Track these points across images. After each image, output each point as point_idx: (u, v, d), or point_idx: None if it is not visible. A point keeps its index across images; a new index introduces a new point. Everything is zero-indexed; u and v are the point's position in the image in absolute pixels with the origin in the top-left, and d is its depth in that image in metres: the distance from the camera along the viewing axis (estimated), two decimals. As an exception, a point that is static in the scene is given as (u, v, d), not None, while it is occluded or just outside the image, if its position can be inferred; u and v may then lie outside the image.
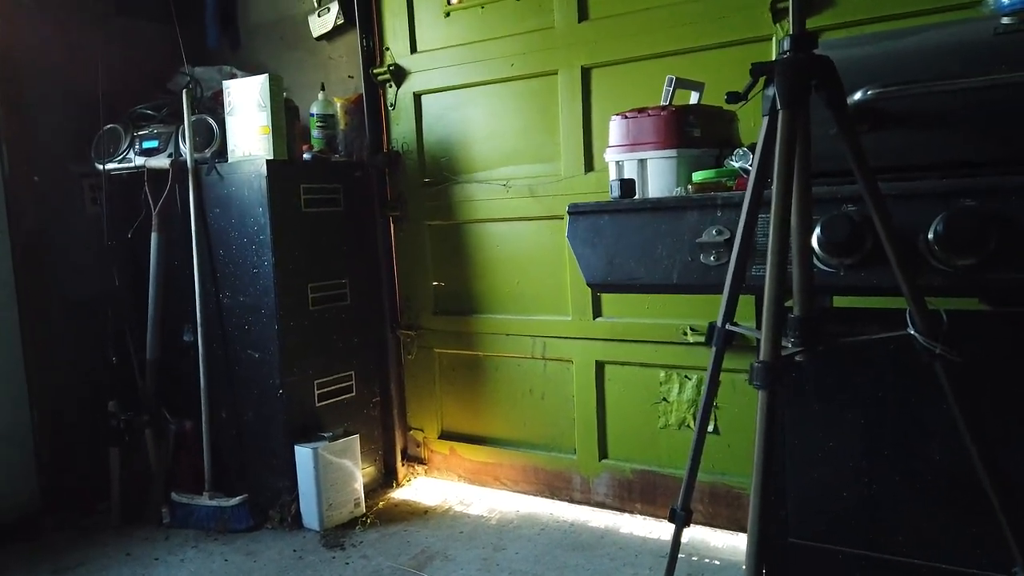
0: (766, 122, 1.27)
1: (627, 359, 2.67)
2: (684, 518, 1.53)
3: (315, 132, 2.94)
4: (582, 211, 1.69)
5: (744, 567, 1.23)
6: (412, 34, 2.97)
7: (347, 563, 2.46)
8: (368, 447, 2.96)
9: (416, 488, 3.08)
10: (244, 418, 2.80)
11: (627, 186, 1.70)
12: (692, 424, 2.55)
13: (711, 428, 2.50)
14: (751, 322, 1.51)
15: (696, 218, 1.53)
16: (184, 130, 2.76)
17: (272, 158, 2.63)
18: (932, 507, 1.53)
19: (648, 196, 1.77)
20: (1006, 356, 1.47)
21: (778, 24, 2.27)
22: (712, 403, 1.60)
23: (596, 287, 1.68)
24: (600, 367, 2.73)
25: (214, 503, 2.74)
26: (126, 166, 2.90)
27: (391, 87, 3.03)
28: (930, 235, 1.29)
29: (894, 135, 1.43)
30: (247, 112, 2.67)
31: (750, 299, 1.59)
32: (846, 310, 1.74)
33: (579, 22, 2.62)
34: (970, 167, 1.36)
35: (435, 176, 3.00)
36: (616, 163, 1.84)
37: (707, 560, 2.34)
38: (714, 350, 1.44)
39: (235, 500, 2.73)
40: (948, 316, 1.27)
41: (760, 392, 1.21)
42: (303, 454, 2.67)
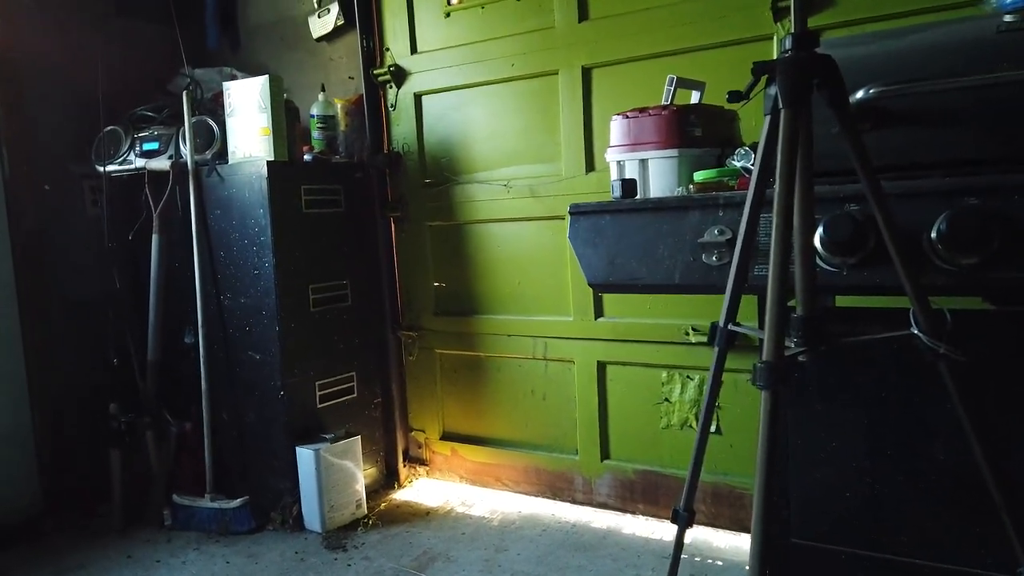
0: (768, 121, 1.27)
1: (629, 359, 2.66)
2: (687, 519, 1.53)
3: (315, 133, 2.94)
4: (583, 211, 1.68)
5: (747, 568, 1.23)
6: (412, 35, 2.96)
7: (349, 565, 2.46)
8: (369, 448, 2.96)
9: (418, 489, 3.08)
10: (245, 419, 2.79)
11: (628, 186, 1.70)
12: (694, 424, 2.55)
13: (713, 428, 2.50)
14: (753, 322, 1.50)
15: (698, 218, 1.53)
16: (184, 131, 2.76)
17: (273, 159, 2.63)
18: (936, 507, 1.53)
19: (649, 196, 1.77)
20: (1010, 355, 1.46)
21: (779, 23, 2.27)
22: (714, 403, 1.59)
23: (598, 287, 1.67)
24: (602, 367, 2.73)
25: (215, 505, 2.74)
26: (126, 168, 2.89)
27: (391, 88, 3.03)
28: (933, 234, 1.28)
29: (896, 134, 1.43)
30: (247, 113, 2.66)
31: (752, 299, 1.59)
32: (849, 310, 1.74)
33: (579, 22, 2.61)
34: (973, 165, 1.35)
35: (436, 177, 3.00)
36: (617, 163, 1.84)
37: (710, 561, 2.33)
38: (716, 350, 1.44)
39: (236, 502, 2.72)
40: (952, 315, 1.27)
41: (763, 392, 1.20)
42: (305, 455, 2.67)
